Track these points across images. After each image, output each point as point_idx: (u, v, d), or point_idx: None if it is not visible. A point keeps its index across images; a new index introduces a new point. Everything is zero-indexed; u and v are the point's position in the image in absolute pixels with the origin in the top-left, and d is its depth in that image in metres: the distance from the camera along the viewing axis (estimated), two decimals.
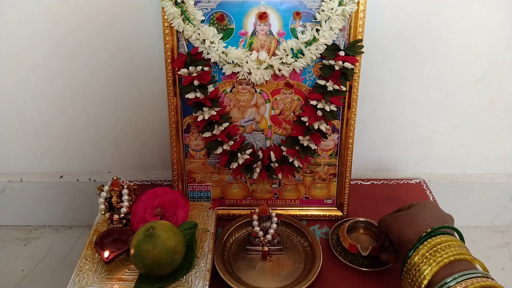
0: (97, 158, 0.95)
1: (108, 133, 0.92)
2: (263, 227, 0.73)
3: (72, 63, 0.84)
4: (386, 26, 0.80)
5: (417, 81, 0.86)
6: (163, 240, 0.60)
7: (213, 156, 0.81)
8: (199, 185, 0.83)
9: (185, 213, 0.71)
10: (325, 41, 0.70)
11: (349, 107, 0.76)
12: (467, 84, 0.86)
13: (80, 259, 0.67)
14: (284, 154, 0.78)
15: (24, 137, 0.93)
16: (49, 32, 0.81)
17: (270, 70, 0.74)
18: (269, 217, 0.73)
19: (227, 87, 0.76)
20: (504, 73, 0.86)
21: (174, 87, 0.75)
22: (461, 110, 0.90)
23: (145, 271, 0.61)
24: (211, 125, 0.75)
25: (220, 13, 0.71)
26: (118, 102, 0.88)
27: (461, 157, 0.95)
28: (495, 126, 0.92)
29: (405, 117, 0.90)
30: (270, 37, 0.72)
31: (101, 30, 0.80)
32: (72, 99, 0.88)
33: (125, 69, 0.84)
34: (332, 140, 0.79)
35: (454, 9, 0.79)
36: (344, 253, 0.74)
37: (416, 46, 0.82)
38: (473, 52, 0.83)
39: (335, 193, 0.83)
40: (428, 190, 0.92)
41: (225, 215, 0.83)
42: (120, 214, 0.70)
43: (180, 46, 0.73)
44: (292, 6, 0.71)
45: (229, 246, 0.75)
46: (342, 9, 0.68)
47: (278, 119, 0.78)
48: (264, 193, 0.84)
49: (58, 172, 0.98)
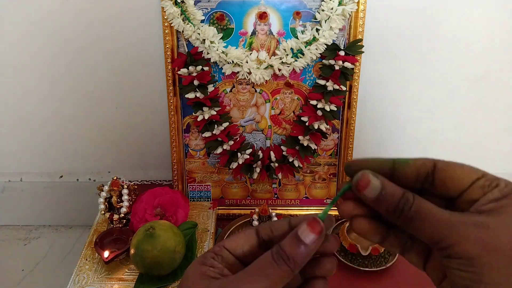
0: (97, 158, 0.95)
1: (108, 133, 0.92)
2: None
3: (72, 63, 0.84)
4: (386, 26, 0.79)
5: (417, 81, 0.86)
6: (163, 240, 0.60)
7: (213, 156, 0.81)
8: (199, 185, 0.83)
9: (185, 213, 0.71)
10: (325, 41, 0.70)
11: (349, 107, 0.76)
12: (467, 84, 0.86)
13: (80, 259, 0.67)
14: (284, 154, 0.78)
15: (24, 137, 0.93)
16: (49, 32, 0.81)
17: (270, 70, 0.73)
18: (269, 217, 0.73)
19: (227, 87, 0.76)
20: (504, 73, 0.86)
21: (174, 87, 0.75)
22: (461, 110, 0.89)
23: (145, 271, 0.61)
24: (211, 125, 0.75)
25: (220, 12, 0.71)
26: (118, 102, 0.88)
27: (461, 157, 0.95)
28: (495, 126, 0.91)
29: (405, 117, 0.90)
30: (270, 37, 0.72)
31: (101, 30, 0.80)
32: (72, 99, 0.88)
33: (125, 69, 0.84)
34: (332, 140, 0.79)
35: (454, 9, 0.79)
36: (344, 253, 0.74)
37: (416, 46, 0.82)
38: (473, 52, 0.83)
39: (335, 193, 0.83)
40: None
41: (225, 215, 0.83)
42: (120, 214, 0.70)
43: (180, 46, 0.73)
44: (292, 6, 0.71)
45: None
46: (342, 9, 0.68)
47: (278, 119, 0.78)
48: (264, 193, 0.84)
49: (58, 172, 0.97)
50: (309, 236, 0.29)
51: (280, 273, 0.28)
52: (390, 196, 0.28)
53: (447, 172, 0.29)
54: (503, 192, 0.27)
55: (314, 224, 0.29)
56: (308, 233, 0.29)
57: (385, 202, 0.29)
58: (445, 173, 0.29)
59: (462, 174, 0.29)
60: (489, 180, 0.28)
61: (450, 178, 0.29)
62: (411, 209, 0.28)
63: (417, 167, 0.30)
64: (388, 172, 0.30)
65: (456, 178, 0.29)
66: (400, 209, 0.28)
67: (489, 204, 0.27)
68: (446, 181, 0.29)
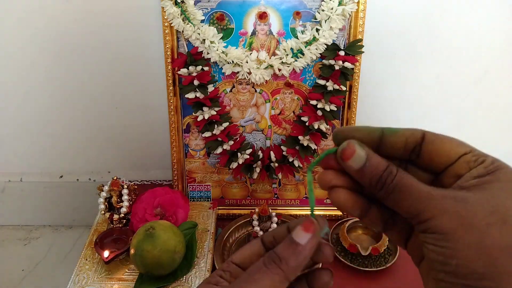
0: (97, 158, 0.95)
1: (108, 133, 0.92)
2: (263, 227, 0.73)
3: (72, 62, 0.84)
4: (386, 26, 0.79)
5: (417, 81, 0.86)
6: (163, 240, 0.60)
7: (213, 156, 0.81)
8: (199, 185, 0.83)
9: (185, 213, 0.71)
10: (325, 40, 0.70)
11: (349, 107, 0.76)
12: (467, 84, 0.86)
13: (80, 259, 0.67)
14: (284, 154, 0.78)
15: (24, 137, 0.93)
16: (49, 32, 0.81)
17: (270, 70, 0.73)
18: (269, 217, 0.73)
19: (227, 87, 0.76)
20: (504, 73, 0.86)
21: (174, 87, 0.75)
22: (461, 110, 0.89)
23: (145, 271, 0.61)
24: (211, 125, 0.75)
25: (220, 12, 0.71)
26: (118, 102, 0.88)
27: None
28: (495, 126, 0.91)
29: (405, 117, 0.90)
30: (270, 36, 0.72)
31: (101, 30, 0.80)
32: (72, 99, 0.88)
33: (125, 69, 0.84)
34: (332, 140, 0.79)
35: (454, 9, 0.79)
36: (344, 253, 0.74)
37: (416, 46, 0.82)
38: (473, 52, 0.83)
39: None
40: None
41: (225, 215, 0.83)
42: (120, 214, 0.70)
43: (180, 46, 0.73)
44: (292, 6, 0.71)
45: (229, 246, 0.75)
46: (342, 9, 0.68)
47: (278, 119, 0.78)
48: (264, 193, 0.84)
49: (58, 172, 0.97)
50: (304, 237, 0.28)
51: (270, 276, 0.27)
52: (374, 168, 0.28)
53: (434, 145, 0.28)
54: (488, 169, 0.27)
55: (307, 225, 0.29)
56: (302, 234, 0.29)
57: (368, 173, 0.28)
58: (432, 146, 0.28)
59: (449, 148, 0.28)
60: (476, 156, 0.28)
61: (436, 151, 0.28)
62: (393, 181, 0.27)
63: (405, 137, 0.29)
64: (377, 141, 0.29)
65: (443, 152, 0.28)
66: (382, 181, 0.27)
67: (472, 180, 0.26)
68: (432, 154, 0.28)
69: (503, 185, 0.26)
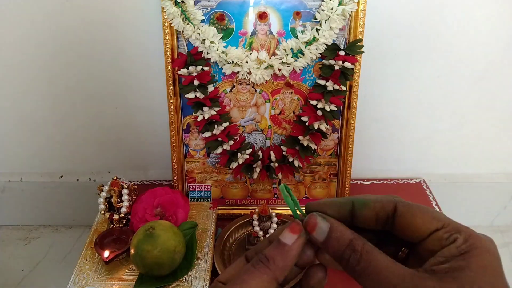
0: (97, 158, 0.95)
1: (108, 133, 0.92)
2: (263, 227, 0.73)
3: (72, 62, 0.84)
4: (386, 26, 0.79)
5: (417, 81, 0.86)
6: (163, 240, 0.60)
7: (213, 156, 0.81)
8: (199, 185, 0.83)
9: (185, 213, 0.71)
10: (325, 41, 0.70)
11: (349, 107, 0.76)
12: (467, 84, 0.86)
13: (80, 259, 0.67)
14: (284, 154, 0.78)
15: (24, 137, 0.93)
16: (49, 31, 0.81)
17: (270, 70, 0.73)
18: (269, 217, 0.73)
19: (227, 87, 0.76)
20: (504, 73, 0.86)
21: (174, 87, 0.75)
22: (461, 110, 0.90)
23: (145, 271, 0.61)
24: (211, 125, 0.75)
25: (220, 12, 0.71)
26: (118, 102, 0.88)
27: (461, 157, 0.95)
28: (495, 126, 0.91)
29: (405, 117, 0.90)
30: (270, 36, 0.72)
31: (101, 30, 0.80)
32: (72, 98, 0.88)
33: (125, 69, 0.84)
34: (332, 140, 0.79)
35: (454, 9, 0.79)
36: None
37: (416, 46, 0.82)
38: (473, 52, 0.83)
39: (335, 193, 0.83)
40: (428, 190, 0.92)
41: (225, 215, 0.83)
42: (120, 214, 0.70)
43: (180, 46, 0.73)
44: (292, 6, 0.71)
45: (229, 246, 0.75)
46: (342, 9, 0.68)
47: (278, 119, 0.78)
48: (264, 193, 0.84)
49: (58, 172, 0.98)
50: (290, 238, 0.29)
51: (258, 276, 0.28)
52: (336, 242, 0.28)
53: (406, 219, 0.28)
54: (460, 249, 0.26)
55: (293, 226, 0.30)
56: (289, 235, 0.29)
57: (331, 247, 0.28)
58: (404, 220, 0.28)
59: (421, 223, 0.28)
60: (448, 232, 0.27)
61: (408, 226, 0.28)
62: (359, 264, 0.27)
63: (376, 211, 0.29)
64: (348, 215, 0.30)
65: (414, 227, 0.28)
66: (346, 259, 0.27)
67: (443, 265, 0.26)
68: (404, 228, 0.28)
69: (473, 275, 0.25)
